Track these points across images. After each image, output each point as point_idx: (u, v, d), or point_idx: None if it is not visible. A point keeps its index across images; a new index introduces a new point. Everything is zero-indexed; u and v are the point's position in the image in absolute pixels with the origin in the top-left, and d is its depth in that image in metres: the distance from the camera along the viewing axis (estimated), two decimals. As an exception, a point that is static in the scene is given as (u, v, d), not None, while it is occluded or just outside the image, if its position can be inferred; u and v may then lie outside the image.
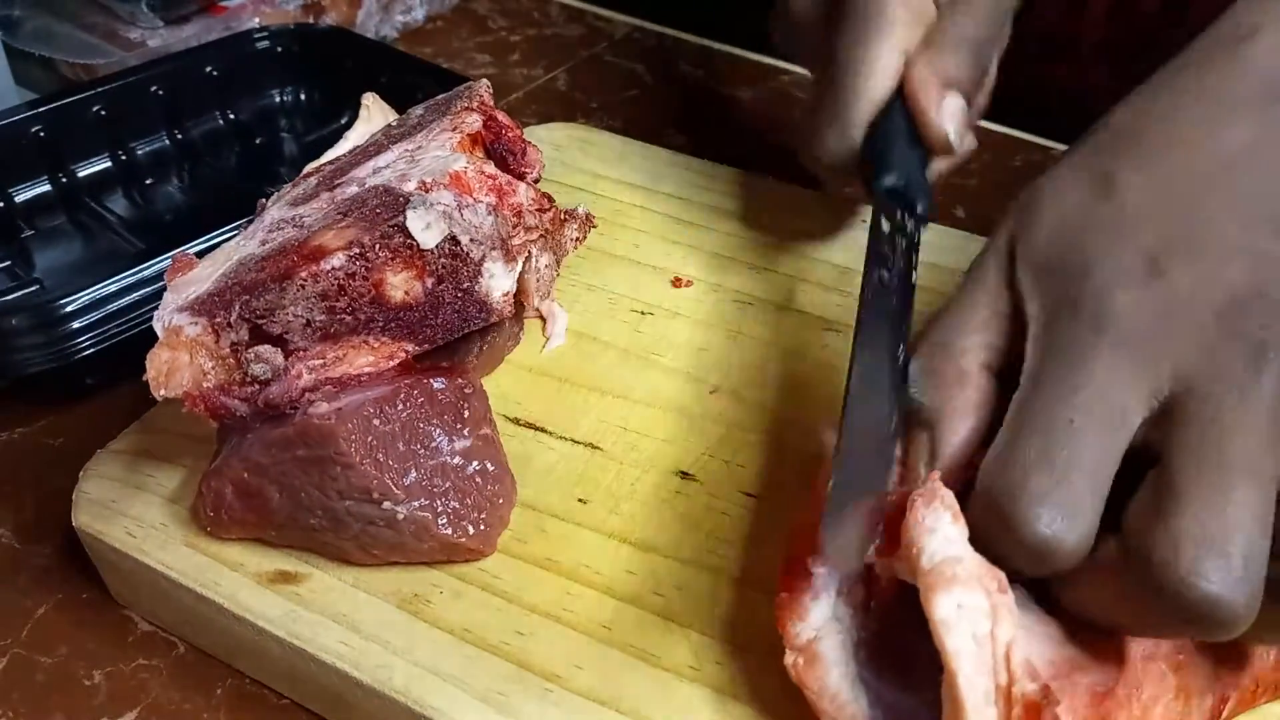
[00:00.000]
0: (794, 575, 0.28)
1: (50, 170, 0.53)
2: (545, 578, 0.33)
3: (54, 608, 0.36)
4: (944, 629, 0.25)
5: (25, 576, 0.37)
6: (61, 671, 0.34)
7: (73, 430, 0.43)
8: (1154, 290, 0.27)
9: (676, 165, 0.51)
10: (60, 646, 0.35)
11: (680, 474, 0.36)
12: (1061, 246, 0.29)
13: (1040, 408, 0.26)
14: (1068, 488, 0.25)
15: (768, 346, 0.41)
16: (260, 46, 0.60)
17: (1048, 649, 0.26)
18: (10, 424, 0.43)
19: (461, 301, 0.35)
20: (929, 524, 0.26)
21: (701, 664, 0.30)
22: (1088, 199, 0.29)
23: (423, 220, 0.33)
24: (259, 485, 0.32)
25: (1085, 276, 0.28)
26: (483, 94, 0.39)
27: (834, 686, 0.27)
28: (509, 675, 0.30)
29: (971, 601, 0.25)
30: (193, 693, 0.34)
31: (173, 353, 0.31)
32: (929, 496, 0.26)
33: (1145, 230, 0.28)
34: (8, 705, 0.33)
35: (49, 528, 0.39)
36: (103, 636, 0.35)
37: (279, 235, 0.34)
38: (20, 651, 0.35)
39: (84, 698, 0.34)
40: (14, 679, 0.34)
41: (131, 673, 0.34)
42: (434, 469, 0.32)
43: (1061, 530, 0.25)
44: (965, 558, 0.25)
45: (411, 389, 0.33)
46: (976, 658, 0.24)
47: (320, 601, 0.32)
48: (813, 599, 0.28)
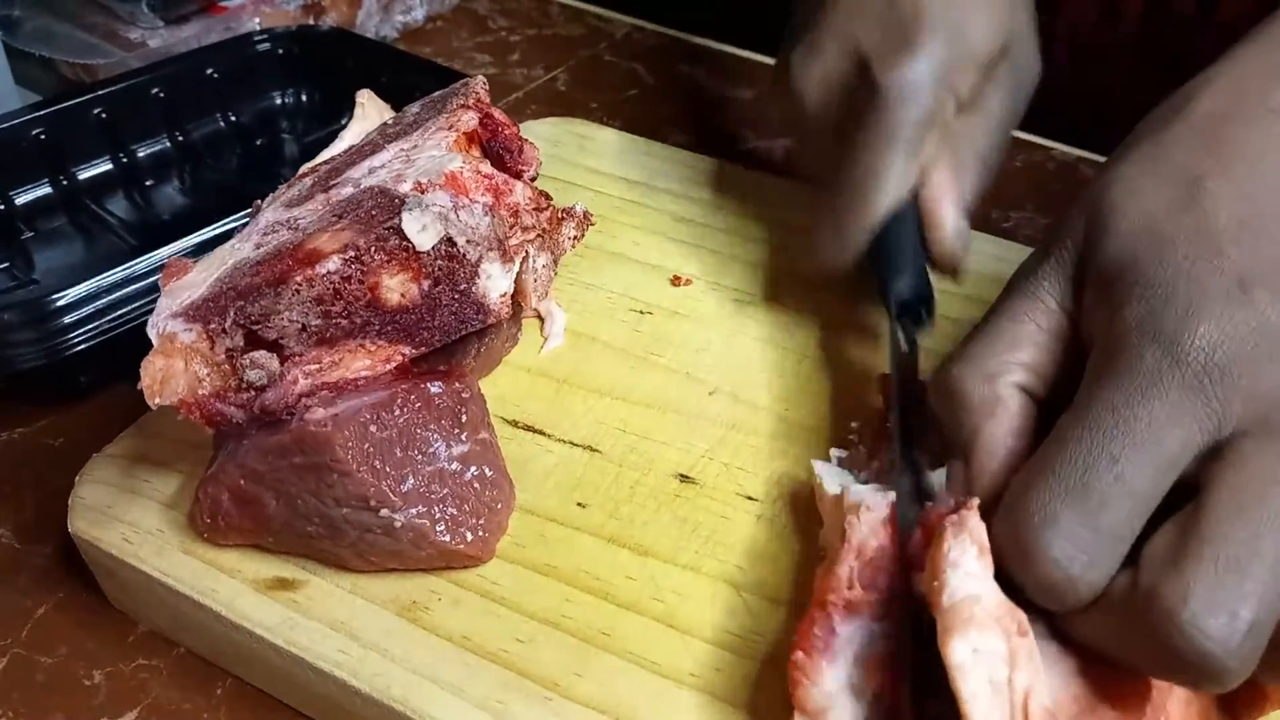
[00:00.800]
0: (811, 636, 0.27)
1: (51, 173, 0.53)
2: (544, 583, 0.32)
3: (54, 608, 0.36)
4: (959, 673, 0.23)
5: (25, 576, 0.37)
6: (61, 671, 0.34)
7: (73, 430, 0.43)
8: (1239, 319, 0.24)
9: (675, 161, 0.51)
10: (60, 646, 0.35)
11: (680, 477, 0.36)
12: (1140, 258, 0.26)
13: (1085, 436, 0.24)
14: (1094, 530, 0.24)
15: (767, 345, 0.41)
16: (261, 48, 0.59)
17: (1069, 685, 0.25)
18: (10, 424, 0.43)
19: (459, 303, 0.34)
20: (953, 557, 0.25)
21: (702, 671, 0.30)
22: (1171, 206, 0.26)
23: (418, 222, 0.33)
24: (256, 492, 0.32)
25: (1166, 298, 0.25)
26: (478, 91, 0.38)
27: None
28: (508, 683, 0.30)
29: (989, 645, 0.24)
30: (193, 693, 0.34)
31: (167, 360, 0.31)
32: (958, 527, 0.25)
33: (1234, 250, 0.25)
34: (8, 705, 0.33)
35: (49, 528, 0.39)
36: (103, 636, 0.35)
37: (274, 238, 0.33)
38: (20, 651, 0.35)
39: (84, 698, 0.34)
40: (14, 679, 0.34)
41: (131, 673, 0.34)
42: (431, 475, 0.32)
43: (1078, 573, 0.24)
44: (985, 596, 0.24)
45: (409, 394, 0.33)
46: (992, 704, 0.23)
47: (318, 609, 0.32)
48: (829, 663, 0.27)
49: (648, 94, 0.66)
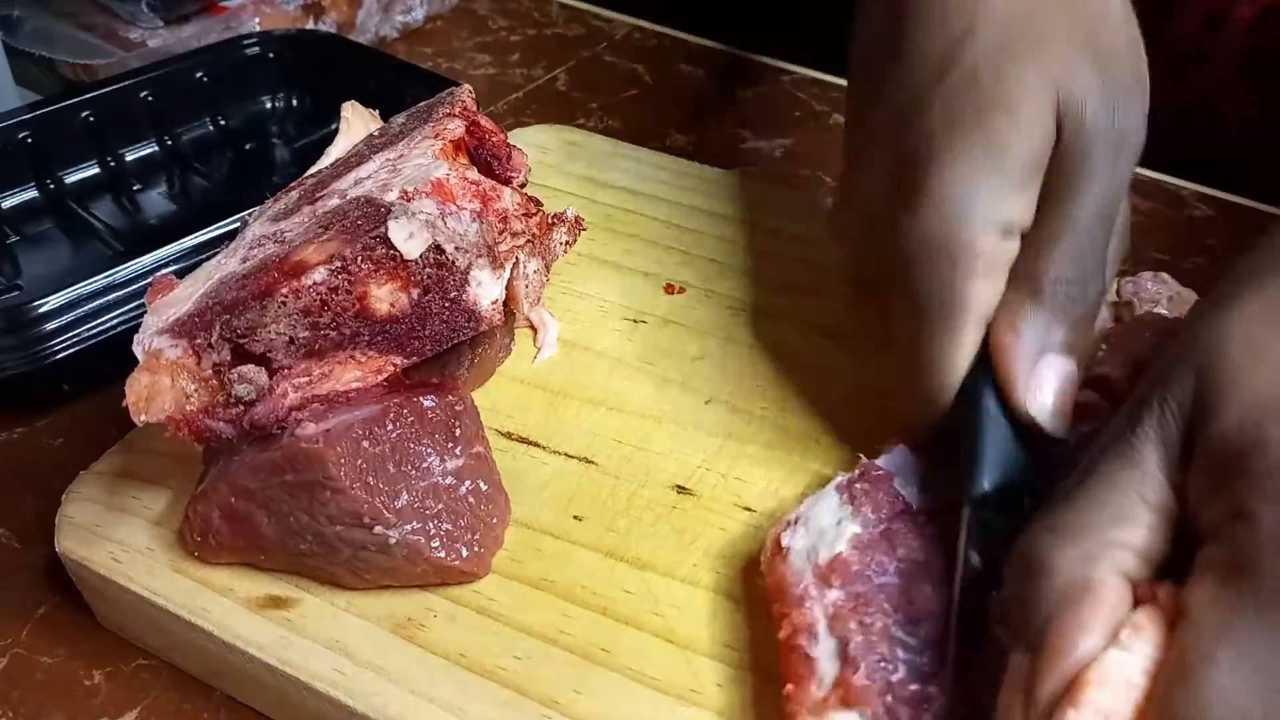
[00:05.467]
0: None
1: (38, 176, 0.52)
2: (541, 599, 0.32)
3: (54, 608, 0.36)
4: None
5: (25, 576, 0.37)
6: (61, 671, 0.34)
7: (74, 430, 0.43)
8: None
9: (667, 168, 0.50)
10: (60, 646, 0.35)
11: (677, 488, 0.35)
12: (1272, 448, 0.21)
13: (1211, 678, 0.20)
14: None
15: (762, 353, 0.40)
16: (250, 52, 0.59)
17: None
18: (10, 424, 0.43)
19: (449, 311, 0.34)
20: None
21: (703, 686, 0.30)
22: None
23: (405, 230, 0.32)
24: (247, 510, 0.32)
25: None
26: (465, 99, 0.38)
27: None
28: (506, 700, 0.29)
29: None
30: (192, 693, 0.34)
31: (153, 376, 0.30)
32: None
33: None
34: (8, 705, 0.33)
35: (49, 528, 0.38)
36: (103, 637, 0.35)
37: (260, 252, 0.33)
38: (20, 651, 0.35)
39: (84, 698, 0.33)
40: (14, 679, 0.34)
41: (132, 673, 0.34)
42: (426, 490, 0.32)
43: None
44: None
45: (401, 408, 0.32)
46: None
47: (312, 627, 0.31)
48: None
49: (648, 94, 0.66)
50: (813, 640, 0.28)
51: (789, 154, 0.60)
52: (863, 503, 0.31)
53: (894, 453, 0.32)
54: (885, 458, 0.32)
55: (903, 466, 0.32)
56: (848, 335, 0.41)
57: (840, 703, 0.27)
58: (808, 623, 0.28)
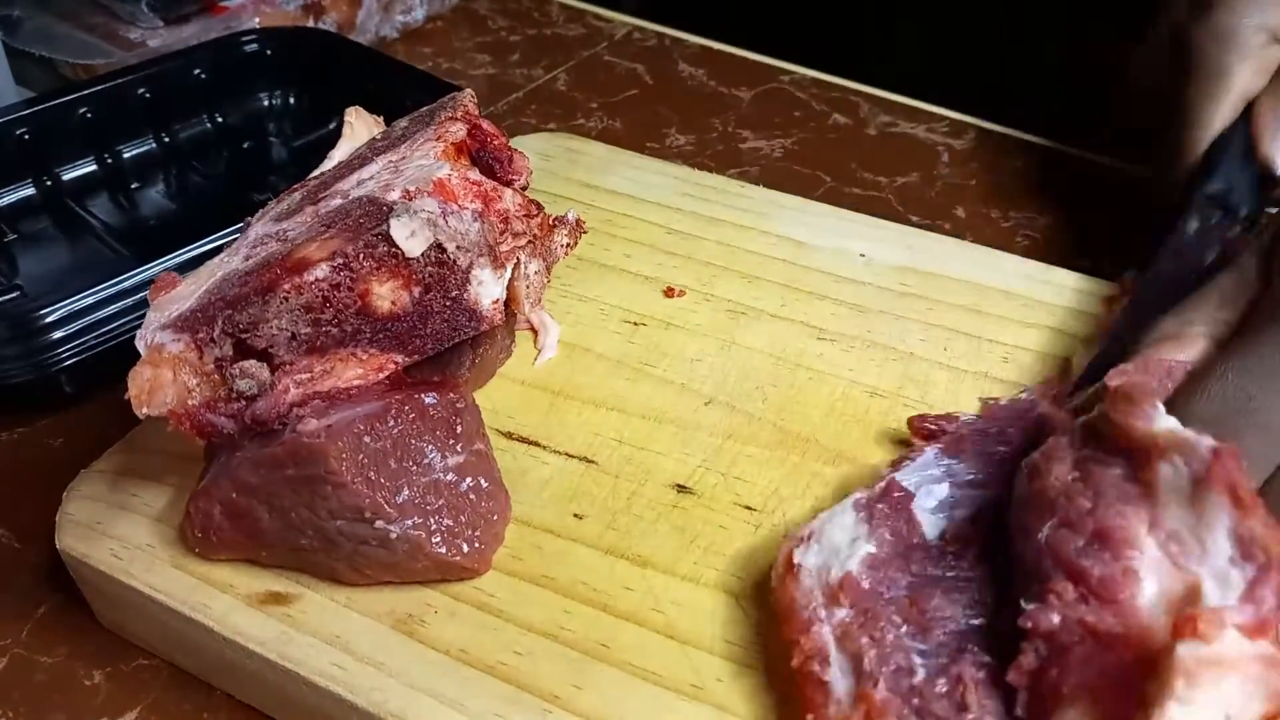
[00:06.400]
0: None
1: (35, 174, 0.52)
2: (542, 595, 0.32)
3: (54, 607, 0.36)
4: None
5: (25, 576, 0.37)
6: (61, 671, 0.34)
7: (74, 430, 0.43)
8: None
9: (666, 174, 0.50)
10: (60, 646, 0.35)
11: (677, 487, 0.35)
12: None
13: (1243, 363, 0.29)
14: None
15: (761, 356, 0.40)
16: (248, 50, 0.59)
17: None
18: (10, 424, 0.43)
19: (450, 310, 0.34)
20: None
21: (703, 682, 0.30)
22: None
23: (407, 228, 0.32)
24: (248, 505, 0.32)
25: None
26: (467, 103, 0.38)
27: None
28: (507, 696, 0.29)
29: None
30: (192, 692, 0.34)
31: (155, 370, 0.30)
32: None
33: None
34: (8, 705, 0.33)
35: (49, 528, 0.38)
36: (103, 636, 0.35)
37: (263, 250, 0.33)
38: (20, 651, 0.35)
39: (84, 698, 0.33)
40: (14, 679, 0.34)
41: (132, 673, 0.34)
42: (427, 486, 0.32)
43: None
44: None
45: (403, 404, 0.32)
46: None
47: (312, 623, 0.31)
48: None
49: (648, 94, 0.66)
50: (825, 665, 0.28)
51: (789, 154, 0.60)
52: (880, 525, 0.30)
53: (919, 460, 0.32)
54: (909, 468, 0.32)
55: (926, 478, 0.32)
56: (847, 335, 0.41)
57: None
58: (818, 647, 0.28)
